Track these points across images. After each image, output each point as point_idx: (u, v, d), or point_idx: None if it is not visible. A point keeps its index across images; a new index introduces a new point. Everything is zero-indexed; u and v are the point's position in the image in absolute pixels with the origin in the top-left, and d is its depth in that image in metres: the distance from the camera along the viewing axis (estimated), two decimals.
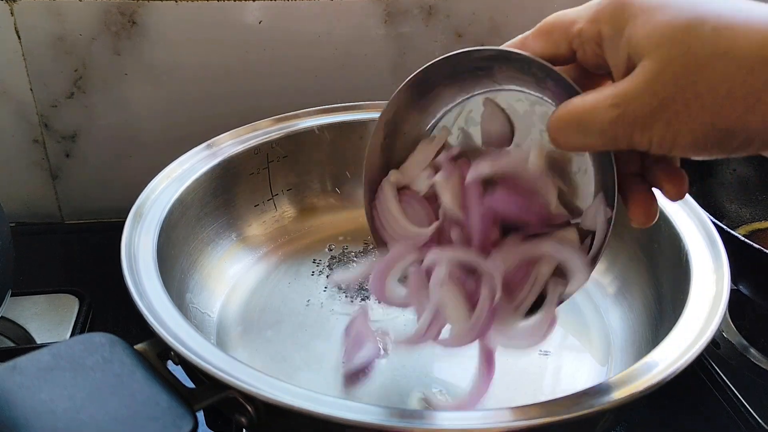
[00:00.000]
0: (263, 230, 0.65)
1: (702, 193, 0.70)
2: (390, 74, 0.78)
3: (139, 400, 0.37)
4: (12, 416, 0.35)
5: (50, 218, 0.80)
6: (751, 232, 0.72)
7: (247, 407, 0.39)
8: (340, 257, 0.65)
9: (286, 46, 0.75)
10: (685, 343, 0.43)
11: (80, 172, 0.78)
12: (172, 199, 0.55)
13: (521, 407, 0.39)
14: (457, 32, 0.77)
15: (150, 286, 0.46)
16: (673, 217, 0.55)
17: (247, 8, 0.72)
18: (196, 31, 0.72)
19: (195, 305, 0.56)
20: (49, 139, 0.76)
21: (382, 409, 0.38)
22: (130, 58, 0.72)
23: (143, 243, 0.50)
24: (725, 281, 0.48)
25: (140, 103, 0.75)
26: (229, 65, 0.75)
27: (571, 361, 0.55)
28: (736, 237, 0.54)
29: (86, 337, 0.40)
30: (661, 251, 0.55)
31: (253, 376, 0.39)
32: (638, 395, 0.39)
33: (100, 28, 0.70)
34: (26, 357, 0.38)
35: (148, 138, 0.77)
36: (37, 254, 0.73)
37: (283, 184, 0.66)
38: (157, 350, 0.41)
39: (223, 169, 0.60)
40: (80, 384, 0.37)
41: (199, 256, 0.59)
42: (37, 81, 0.72)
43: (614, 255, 0.61)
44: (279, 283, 0.61)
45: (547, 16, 0.41)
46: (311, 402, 0.37)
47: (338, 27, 0.75)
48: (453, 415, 0.39)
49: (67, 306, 0.64)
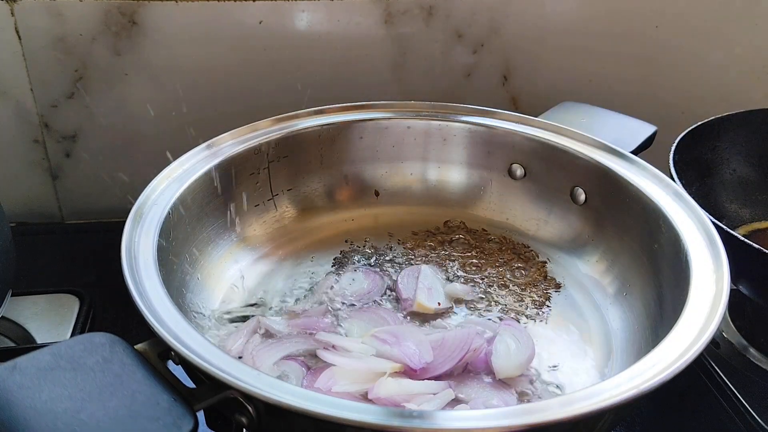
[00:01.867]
0: (263, 230, 0.65)
1: (702, 193, 0.70)
2: (390, 74, 0.78)
3: (139, 400, 0.37)
4: (12, 416, 0.35)
5: (50, 218, 0.80)
6: (751, 232, 0.72)
7: (247, 407, 0.39)
8: (340, 257, 0.65)
9: (286, 46, 0.75)
10: (685, 343, 0.43)
11: (80, 172, 0.78)
12: (172, 199, 0.55)
13: (521, 407, 0.39)
14: (457, 32, 0.77)
15: (150, 286, 0.46)
16: (673, 217, 0.55)
17: (247, 8, 0.72)
18: (196, 31, 0.72)
19: (195, 305, 0.56)
20: (50, 139, 0.76)
21: (382, 409, 0.38)
22: (130, 58, 0.72)
23: (143, 243, 0.50)
24: (725, 281, 0.48)
25: (140, 103, 0.75)
26: (229, 65, 0.75)
27: (571, 361, 0.55)
28: (736, 237, 0.54)
29: (86, 337, 0.40)
30: (661, 251, 0.55)
31: (253, 376, 0.39)
32: (638, 395, 0.39)
33: (101, 28, 0.70)
34: (26, 357, 0.38)
35: (148, 138, 0.77)
36: (38, 254, 0.73)
37: (283, 184, 0.66)
38: (157, 350, 0.41)
39: (223, 169, 0.60)
40: (80, 384, 0.37)
41: (199, 256, 0.59)
42: (37, 81, 0.72)
43: (614, 255, 0.61)
44: (278, 283, 0.61)
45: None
46: (311, 402, 0.37)
47: (338, 27, 0.75)
48: (453, 415, 0.39)
49: (67, 306, 0.64)
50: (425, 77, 0.79)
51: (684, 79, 0.83)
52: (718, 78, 0.83)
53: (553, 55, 0.80)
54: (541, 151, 0.66)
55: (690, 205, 0.55)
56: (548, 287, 0.62)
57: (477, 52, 0.79)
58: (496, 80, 0.81)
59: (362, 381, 0.49)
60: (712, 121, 0.71)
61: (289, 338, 0.54)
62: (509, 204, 0.69)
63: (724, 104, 0.75)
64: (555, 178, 0.66)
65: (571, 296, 0.61)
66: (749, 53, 0.82)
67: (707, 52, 0.81)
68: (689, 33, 0.80)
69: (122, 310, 0.62)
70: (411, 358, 0.50)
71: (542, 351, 0.55)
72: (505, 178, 0.69)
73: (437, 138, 0.69)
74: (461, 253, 0.66)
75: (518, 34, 0.78)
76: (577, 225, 0.65)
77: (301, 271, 0.63)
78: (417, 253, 0.66)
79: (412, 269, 0.62)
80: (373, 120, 0.68)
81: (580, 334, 0.57)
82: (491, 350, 0.52)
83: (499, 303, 0.60)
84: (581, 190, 0.64)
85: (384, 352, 0.51)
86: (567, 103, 0.73)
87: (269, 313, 0.58)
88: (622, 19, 0.79)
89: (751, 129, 0.73)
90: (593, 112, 0.71)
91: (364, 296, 0.59)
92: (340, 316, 0.57)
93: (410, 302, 0.58)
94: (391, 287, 0.61)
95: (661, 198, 0.57)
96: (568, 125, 0.66)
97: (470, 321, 0.57)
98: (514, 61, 0.80)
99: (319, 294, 0.60)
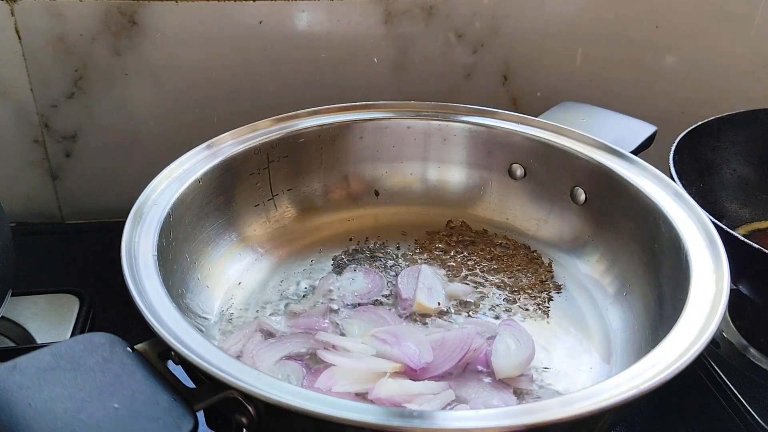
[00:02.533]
0: (263, 230, 0.65)
1: (702, 193, 0.70)
2: (390, 74, 0.78)
3: (139, 400, 0.37)
4: (12, 416, 0.35)
5: (50, 218, 0.80)
6: (751, 232, 0.73)
7: (247, 407, 0.39)
8: (340, 257, 0.65)
9: (286, 46, 0.75)
10: (685, 343, 0.43)
11: (80, 172, 0.78)
12: (172, 199, 0.55)
13: (521, 407, 0.39)
14: (457, 32, 0.77)
15: (150, 286, 0.46)
16: (673, 217, 0.55)
17: (247, 8, 0.72)
18: (196, 31, 0.72)
19: (195, 305, 0.56)
20: (50, 139, 0.76)
21: (382, 409, 0.38)
22: (130, 58, 0.72)
23: (143, 243, 0.50)
24: (725, 281, 0.48)
25: (140, 103, 0.75)
26: (229, 65, 0.75)
27: (571, 361, 0.55)
28: (736, 237, 0.54)
29: (86, 337, 0.40)
30: (661, 251, 0.55)
31: (253, 376, 0.39)
32: (638, 395, 0.39)
33: (101, 28, 0.70)
34: (26, 357, 0.38)
35: (148, 138, 0.77)
36: (38, 254, 0.73)
37: (283, 184, 0.66)
38: (157, 350, 0.41)
39: (223, 169, 0.60)
40: (80, 384, 0.37)
41: (199, 256, 0.59)
42: (37, 81, 0.72)
43: (614, 255, 0.61)
44: (279, 282, 0.61)
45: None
46: (311, 402, 0.37)
47: (338, 27, 0.75)
48: (453, 415, 0.39)
49: (67, 306, 0.64)
50: (425, 77, 0.79)
51: (684, 79, 0.83)
52: (718, 78, 0.83)
53: (553, 55, 0.80)
54: (541, 151, 0.66)
55: (690, 205, 0.55)
56: (548, 287, 0.62)
57: (477, 52, 0.79)
58: (496, 80, 0.81)
59: (362, 381, 0.49)
60: (712, 121, 0.71)
61: (289, 338, 0.54)
62: (509, 204, 0.69)
63: (724, 104, 0.75)
64: (555, 178, 0.66)
65: (572, 296, 0.61)
66: (749, 53, 0.82)
67: (707, 53, 0.81)
68: (689, 33, 0.80)
69: (122, 310, 0.62)
70: (411, 358, 0.50)
71: (542, 351, 0.55)
72: (505, 178, 0.69)
73: (437, 138, 0.69)
74: (462, 254, 0.66)
75: (518, 34, 0.78)
76: (577, 225, 0.65)
77: (301, 271, 0.63)
78: (417, 253, 0.66)
79: (412, 269, 0.62)
80: (373, 120, 0.68)
81: (580, 334, 0.57)
82: (491, 350, 0.52)
83: (499, 303, 0.60)
84: (581, 190, 0.64)
85: (384, 352, 0.51)
86: (567, 103, 0.73)
87: (269, 313, 0.58)
88: (622, 19, 0.79)
89: (751, 129, 0.73)
90: (593, 112, 0.71)
91: (364, 296, 0.59)
92: (340, 316, 0.57)
93: (410, 302, 0.58)
94: (391, 287, 0.61)
95: (661, 198, 0.57)
96: (568, 125, 0.66)
97: (470, 321, 0.57)
98: (514, 61, 0.80)
99: (319, 294, 0.60)
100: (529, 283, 0.62)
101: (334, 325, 0.56)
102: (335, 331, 0.55)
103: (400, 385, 0.49)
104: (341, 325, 0.56)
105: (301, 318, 0.56)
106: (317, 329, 0.55)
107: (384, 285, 0.61)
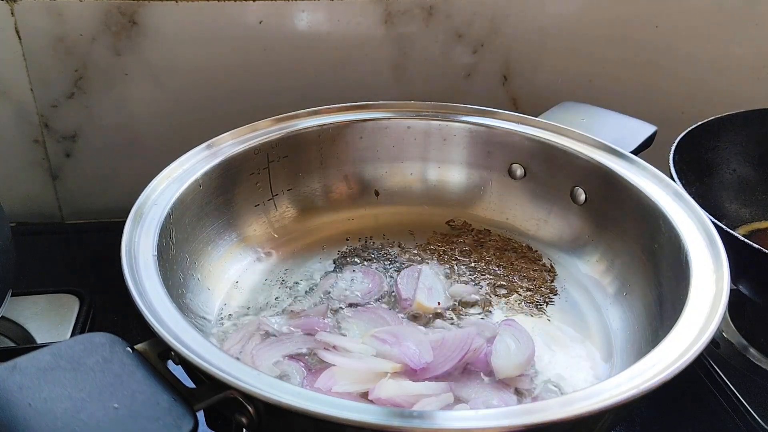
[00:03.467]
0: (263, 230, 0.65)
1: (702, 193, 0.70)
2: (390, 74, 0.78)
3: (139, 400, 0.37)
4: (12, 416, 0.35)
5: (50, 218, 0.80)
6: (751, 232, 0.73)
7: (247, 407, 0.39)
8: (340, 257, 0.65)
9: (286, 46, 0.75)
10: (685, 343, 0.43)
11: (80, 172, 0.78)
12: (172, 199, 0.55)
13: (521, 407, 0.39)
14: (457, 32, 0.77)
15: (150, 286, 0.46)
16: (673, 217, 0.55)
17: (247, 8, 0.72)
18: (196, 31, 0.72)
19: (195, 305, 0.56)
20: (49, 139, 0.76)
21: (382, 409, 0.38)
22: (130, 58, 0.72)
23: (143, 243, 0.50)
24: (725, 281, 0.48)
25: (140, 103, 0.75)
26: (229, 65, 0.75)
27: (571, 360, 0.55)
28: (736, 237, 0.54)
29: (86, 337, 0.40)
30: (661, 251, 0.55)
31: (253, 376, 0.39)
32: (638, 395, 0.39)
33: (101, 28, 0.70)
34: (26, 357, 0.38)
35: (148, 138, 0.77)
36: (38, 254, 0.73)
37: (283, 184, 0.66)
38: (157, 350, 0.41)
39: (223, 169, 0.60)
40: (80, 384, 0.37)
41: (199, 256, 0.59)
42: (37, 81, 0.72)
43: (614, 255, 0.61)
44: (279, 282, 0.61)
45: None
46: (311, 402, 0.37)
47: (338, 27, 0.75)
48: (453, 415, 0.39)
49: (67, 306, 0.64)
50: (425, 77, 0.79)
51: (684, 80, 0.83)
52: (718, 78, 0.83)
53: (553, 55, 0.80)
54: (541, 151, 0.66)
55: (690, 205, 0.55)
56: (548, 287, 0.62)
57: (477, 52, 0.79)
58: (496, 80, 0.81)
59: (362, 381, 0.49)
60: (712, 121, 0.71)
61: (289, 338, 0.54)
62: (509, 204, 0.69)
63: (724, 104, 0.75)
64: (555, 178, 0.66)
65: (571, 296, 0.61)
66: (749, 53, 0.82)
67: (707, 53, 0.81)
68: (689, 33, 0.80)
69: (122, 310, 0.62)
70: (411, 358, 0.50)
71: (542, 351, 0.55)
72: (505, 178, 0.69)
73: (437, 138, 0.69)
74: (462, 253, 0.66)
75: (518, 34, 0.78)
76: (577, 225, 0.65)
77: (301, 271, 0.63)
78: (417, 253, 0.66)
79: (412, 269, 0.62)
80: (373, 120, 0.68)
81: (580, 334, 0.57)
82: (491, 350, 0.52)
83: (499, 303, 0.60)
84: (581, 190, 0.64)
85: (384, 352, 0.51)
86: (567, 103, 0.73)
87: (269, 313, 0.58)
88: (622, 19, 0.79)
89: (751, 129, 0.73)
90: (593, 112, 0.71)
91: (364, 296, 0.59)
92: (340, 316, 0.57)
93: (410, 302, 0.58)
94: (391, 287, 0.61)
95: (661, 198, 0.57)
96: (568, 125, 0.66)
97: (470, 321, 0.57)
98: (514, 61, 0.80)
99: (318, 294, 0.60)
100: (529, 283, 0.62)
101: (334, 325, 0.56)
102: (335, 331, 0.55)
103: (401, 386, 0.48)
104: (341, 325, 0.56)
105: (301, 318, 0.56)
106: (317, 329, 0.55)
107: (384, 285, 0.61)
